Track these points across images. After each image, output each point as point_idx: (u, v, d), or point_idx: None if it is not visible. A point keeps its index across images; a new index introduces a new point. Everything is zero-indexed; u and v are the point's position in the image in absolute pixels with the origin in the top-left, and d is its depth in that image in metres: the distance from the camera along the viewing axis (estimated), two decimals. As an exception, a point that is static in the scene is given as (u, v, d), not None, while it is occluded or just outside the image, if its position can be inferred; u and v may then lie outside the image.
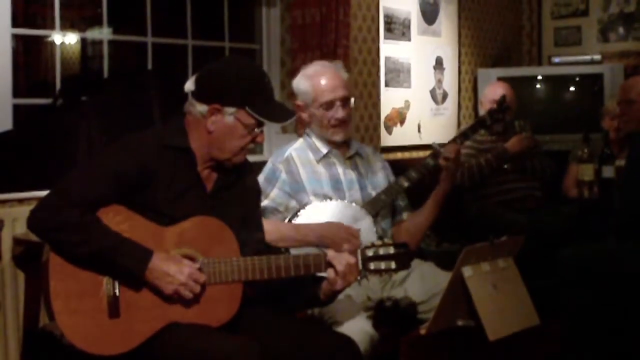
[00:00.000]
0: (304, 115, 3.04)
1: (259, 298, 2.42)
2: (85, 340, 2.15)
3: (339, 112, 2.98)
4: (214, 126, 2.30)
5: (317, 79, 3.00)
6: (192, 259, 2.27)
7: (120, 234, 2.19)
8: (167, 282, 2.19)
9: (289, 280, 2.36)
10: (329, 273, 2.36)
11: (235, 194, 2.43)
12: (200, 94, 2.30)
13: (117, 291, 2.20)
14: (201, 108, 2.30)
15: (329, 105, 2.97)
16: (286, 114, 2.40)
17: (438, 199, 3.09)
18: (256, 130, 2.33)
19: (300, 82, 3.04)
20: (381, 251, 2.41)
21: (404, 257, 2.44)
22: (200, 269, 2.25)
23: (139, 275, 2.18)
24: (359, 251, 2.41)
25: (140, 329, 2.20)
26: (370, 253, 2.41)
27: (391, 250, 2.42)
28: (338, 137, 3.02)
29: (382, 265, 2.42)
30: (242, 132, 2.31)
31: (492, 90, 4.68)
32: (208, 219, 2.31)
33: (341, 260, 2.36)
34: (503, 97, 3.47)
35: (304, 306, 2.69)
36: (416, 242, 3.13)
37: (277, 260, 2.33)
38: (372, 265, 2.42)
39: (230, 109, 2.28)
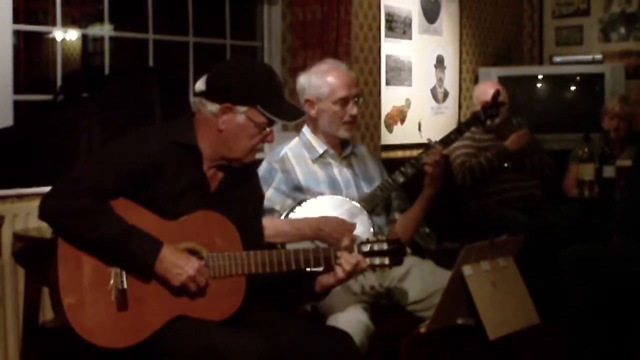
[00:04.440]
0: (312, 112, 3.03)
1: (255, 294, 2.42)
2: (94, 333, 2.15)
3: (353, 109, 3.01)
4: (224, 125, 2.30)
5: (332, 75, 3.01)
6: (196, 252, 2.28)
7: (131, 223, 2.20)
8: (176, 273, 2.20)
9: (285, 275, 2.38)
10: (337, 270, 2.38)
11: (239, 197, 2.43)
12: (211, 94, 2.31)
13: (124, 284, 2.20)
14: (212, 107, 2.30)
15: (345, 101, 2.99)
16: (297, 113, 2.41)
17: (423, 204, 3.09)
18: (267, 129, 2.34)
19: (312, 78, 3.03)
20: (376, 247, 2.45)
21: (397, 254, 2.48)
22: (206, 264, 2.26)
23: (150, 264, 2.18)
24: (355, 247, 2.43)
25: (148, 321, 2.20)
26: (366, 249, 2.44)
27: (385, 246, 2.46)
28: (347, 134, 3.03)
29: (377, 261, 2.45)
30: (253, 131, 2.32)
31: (482, 91, 4.65)
32: (211, 214, 2.32)
33: (350, 259, 2.39)
34: (497, 92, 3.44)
35: (300, 301, 2.72)
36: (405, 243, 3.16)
37: (287, 254, 2.35)
38: (367, 261, 2.45)
39: (241, 108, 2.29)
